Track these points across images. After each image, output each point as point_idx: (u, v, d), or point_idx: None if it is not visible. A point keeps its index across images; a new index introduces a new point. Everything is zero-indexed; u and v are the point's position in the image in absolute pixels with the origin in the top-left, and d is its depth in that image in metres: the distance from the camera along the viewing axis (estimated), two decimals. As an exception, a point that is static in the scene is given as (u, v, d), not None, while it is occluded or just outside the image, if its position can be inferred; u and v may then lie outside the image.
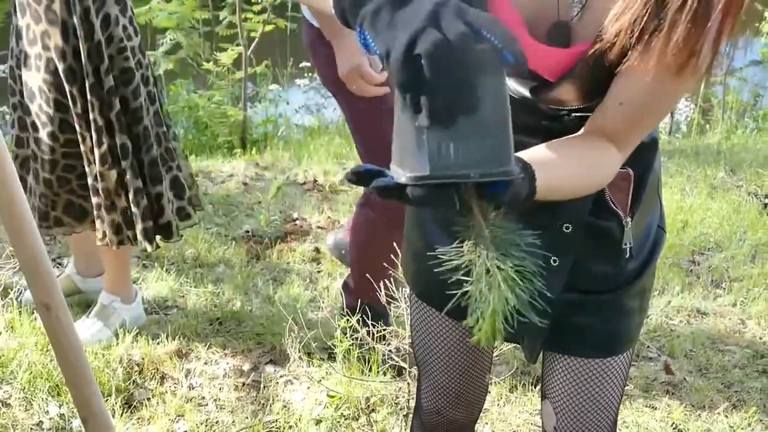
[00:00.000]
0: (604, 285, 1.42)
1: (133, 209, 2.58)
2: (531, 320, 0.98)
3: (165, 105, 2.77)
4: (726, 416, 2.65)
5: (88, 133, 2.49)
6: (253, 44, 5.56)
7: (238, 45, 5.49)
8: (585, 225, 1.36)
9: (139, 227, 2.60)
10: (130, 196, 2.56)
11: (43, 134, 2.53)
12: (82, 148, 2.52)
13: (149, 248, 2.65)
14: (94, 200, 2.58)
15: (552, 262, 1.36)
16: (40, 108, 2.50)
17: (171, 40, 5.60)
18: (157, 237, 2.67)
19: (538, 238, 0.99)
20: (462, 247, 1.02)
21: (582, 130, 1.22)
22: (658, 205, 1.49)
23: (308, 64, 6.55)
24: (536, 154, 1.10)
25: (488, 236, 1.00)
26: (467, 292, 1.02)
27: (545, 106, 1.27)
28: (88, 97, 2.45)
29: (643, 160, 1.37)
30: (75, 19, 2.39)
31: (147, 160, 2.58)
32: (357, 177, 0.96)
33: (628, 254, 1.40)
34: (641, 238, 1.43)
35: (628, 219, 1.37)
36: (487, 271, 1.00)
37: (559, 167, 1.12)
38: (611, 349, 1.45)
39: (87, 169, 2.54)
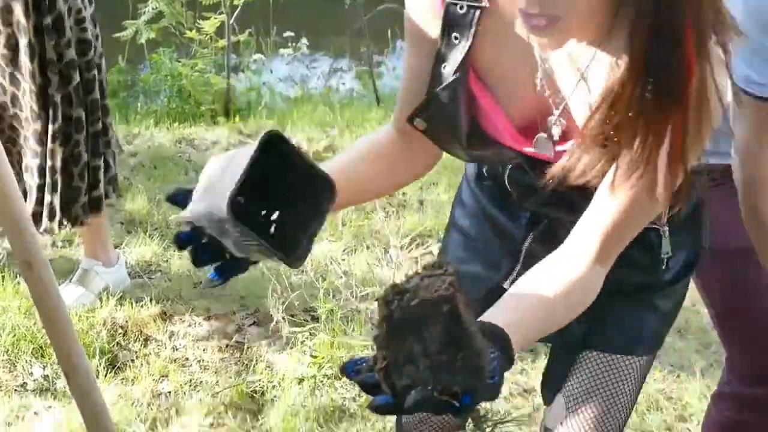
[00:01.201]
0: (637, 292, 1.42)
1: (78, 184, 2.52)
2: None
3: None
4: (702, 375, 2.70)
5: (44, 111, 2.42)
6: (236, 12, 5.52)
7: (221, 13, 5.44)
8: None
9: (80, 201, 2.54)
10: (76, 170, 2.50)
11: None
12: (34, 126, 2.44)
13: (86, 221, 2.59)
14: (37, 181, 2.49)
15: None
16: None
17: (153, 8, 5.54)
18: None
19: None
20: None
21: (563, 246, 1.17)
22: (702, 219, 1.45)
23: (291, 34, 6.49)
24: (510, 311, 1.07)
25: None
26: None
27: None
28: (48, 73, 2.39)
29: None
30: None
31: (92, 132, 2.53)
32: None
33: (665, 264, 1.39)
34: (679, 252, 1.41)
35: (665, 228, 1.36)
36: None
37: (536, 318, 1.10)
38: (632, 347, 1.45)
39: (38, 149, 2.46)
